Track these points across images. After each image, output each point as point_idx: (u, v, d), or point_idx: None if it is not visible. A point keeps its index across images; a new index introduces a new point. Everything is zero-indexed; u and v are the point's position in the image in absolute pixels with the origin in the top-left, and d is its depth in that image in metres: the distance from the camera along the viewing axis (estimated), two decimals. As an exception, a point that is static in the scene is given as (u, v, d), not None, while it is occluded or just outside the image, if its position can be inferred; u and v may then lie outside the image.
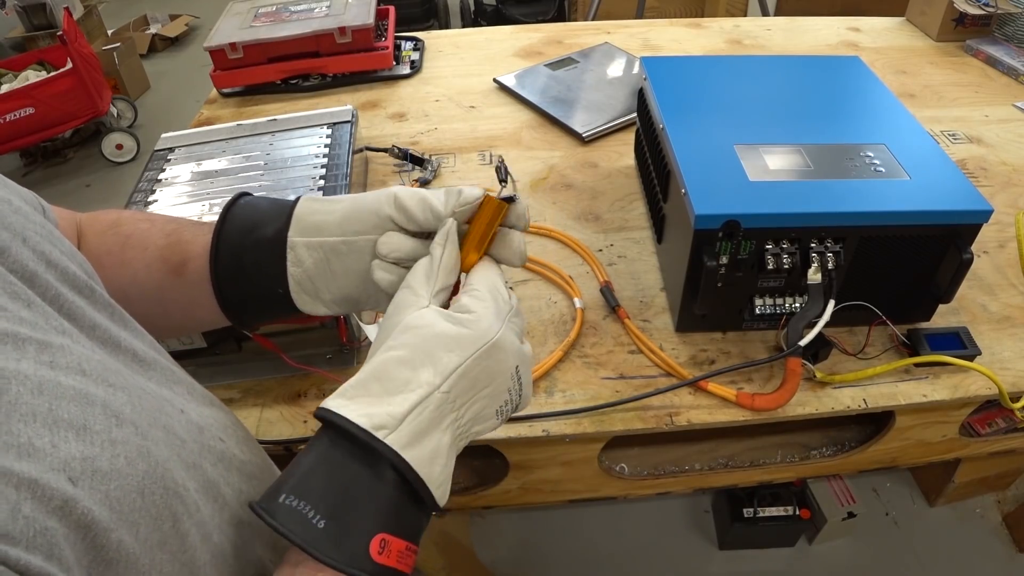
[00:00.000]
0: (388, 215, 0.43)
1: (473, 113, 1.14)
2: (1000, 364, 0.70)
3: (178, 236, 0.47)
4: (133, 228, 0.47)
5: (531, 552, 1.44)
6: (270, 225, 0.45)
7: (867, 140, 0.72)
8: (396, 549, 0.34)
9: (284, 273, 0.44)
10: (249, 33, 1.19)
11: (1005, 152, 1.01)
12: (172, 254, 0.46)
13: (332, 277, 0.45)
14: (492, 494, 0.76)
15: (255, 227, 0.45)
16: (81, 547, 0.26)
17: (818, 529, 1.36)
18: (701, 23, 1.41)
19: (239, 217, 0.46)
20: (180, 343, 0.67)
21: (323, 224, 0.44)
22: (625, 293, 0.79)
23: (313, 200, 0.45)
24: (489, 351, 0.38)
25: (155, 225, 0.48)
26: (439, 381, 0.37)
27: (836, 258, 0.64)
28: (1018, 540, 1.40)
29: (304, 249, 0.44)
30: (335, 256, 0.44)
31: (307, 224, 0.44)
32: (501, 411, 0.40)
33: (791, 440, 0.81)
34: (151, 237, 0.47)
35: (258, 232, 0.45)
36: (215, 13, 1.33)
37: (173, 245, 0.46)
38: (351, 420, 0.35)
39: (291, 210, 0.45)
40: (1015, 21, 1.24)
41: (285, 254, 0.44)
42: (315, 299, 0.46)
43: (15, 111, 2.46)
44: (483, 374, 0.38)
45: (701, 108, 0.79)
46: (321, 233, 0.44)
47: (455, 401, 0.37)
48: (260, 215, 0.45)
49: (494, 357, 0.38)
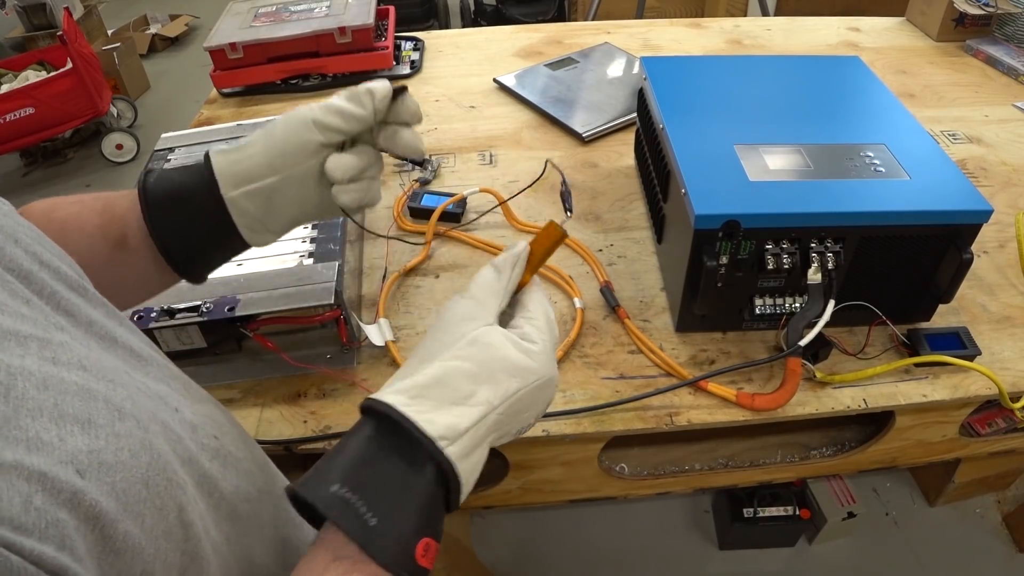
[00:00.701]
0: (316, 141, 0.46)
1: (473, 113, 1.14)
2: (1000, 364, 0.70)
3: (111, 212, 0.48)
4: (65, 212, 0.48)
5: (531, 552, 1.44)
6: (198, 190, 0.46)
7: (867, 140, 0.72)
8: (433, 552, 0.35)
9: (232, 226, 0.47)
10: (249, 33, 1.19)
11: (1005, 152, 1.01)
12: (111, 230, 0.47)
13: (276, 212, 0.48)
14: (492, 494, 0.76)
15: (184, 198, 0.47)
16: (91, 538, 0.26)
17: (818, 529, 1.36)
18: (701, 23, 1.41)
19: (160, 191, 0.47)
20: (180, 343, 0.67)
21: (251, 170, 0.46)
22: (625, 293, 0.79)
23: (223, 152, 0.47)
24: (543, 385, 0.40)
25: (85, 205, 0.48)
26: (498, 403, 0.38)
27: (836, 258, 0.64)
28: (1018, 540, 1.40)
29: (244, 199, 0.46)
30: (275, 193, 0.47)
31: (235, 175, 0.46)
32: (521, 429, 0.42)
33: (791, 440, 0.81)
34: (85, 217, 0.47)
35: (192, 201, 0.47)
36: (215, 13, 1.33)
37: (108, 222, 0.47)
38: (415, 423, 0.35)
39: (208, 170, 0.46)
40: (1015, 21, 1.24)
41: (227, 211, 0.46)
42: (265, 234, 0.49)
43: (15, 111, 2.46)
44: (531, 402, 0.40)
45: (701, 108, 0.79)
46: (254, 179, 0.46)
47: (502, 422, 0.39)
48: (181, 185, 0.47)
49: (546, 390, 0.41)
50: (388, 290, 0.79)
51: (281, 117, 0.48)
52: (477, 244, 0.86)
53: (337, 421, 0.67)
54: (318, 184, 0.48)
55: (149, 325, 0.64)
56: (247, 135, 0.48)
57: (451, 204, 0.88)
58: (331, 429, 0.66)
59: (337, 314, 0.68)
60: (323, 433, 0.65)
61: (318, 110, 0.47)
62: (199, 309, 0.64)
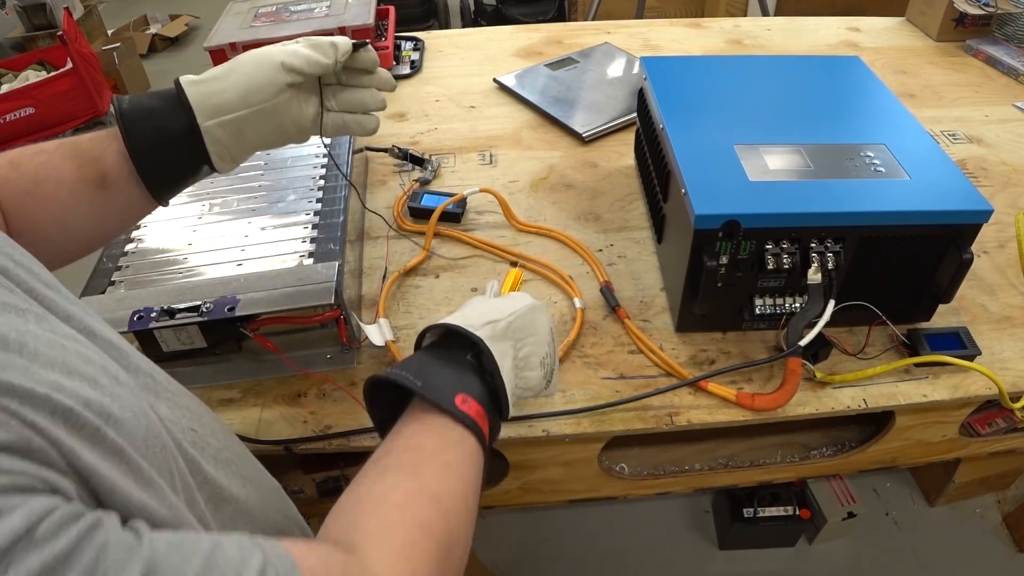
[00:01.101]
0: (284, 81, 0.53)
1: (473, 113, 1.14)
2: (1000, 364, 0.70)
3: (84, 155, 0.50)
4: (33, 163, 0.50)
5: (531, 552, 1.44)
6: (173, 120, 0.51)
7: (867, 140, 0.72)
8: (474, 408, 0.44)
9: (204, 154, 0.52)
10: (249, 33, 1.19)
11: (1005, 152, 1.01)
12: (89, 173, 0.50)
13: (243, 141, 0.54)
14: (492, 494, 0.76)
15: (160, 128, 0.51)
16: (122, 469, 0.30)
17: (818, 529, 1.36)
18: (701, 23, 1.41)
19: (138, 121, 0.50)
20: (180, 343, 0.67)
21: (226, 103, 0.52)
22: (625, 293, 0.79)
23: (198, 83, 0.52)
24: (531, 309, 0.51)
25: (52, 154, 0.50)
26: (502, 317, 0.49)
27: (836, 258, 0.64)
28: (1018, 540, 1.40)
29: (217, 129, 0.52)
30: (245, 125, 0.52)
31: (210, 107, 0.51)
32: (544, 363, 0.51)
33: (791, 440, 0.81)
34: (58, 164, 0.50)
35: (167, 130, 0.51)
36: (215, 13, 1.33)
37: (84, 166, 0.50)
38: (444, 321, 0.48)
39: (183, 100, 0.51)
40: (1015, 21, 1.24)
41: (202, 139, 0.51)
42: (233, 162, 0.55)
43: (15, 111, 2.46)
44: (529, 323, 0.51)
45: (701, 108, 0.79)
46: (227, 111, 0.52)
47: (514, 333, 0.49)
48: (157, 115, 0.51)
49: (535, 313, 0.52)
50: (388, 290, 0.79)
51: (247, 55, 0.53)
52: (477, 244, 0.86)
53: (337, 421, 0.67)
54: (285, 118, 0.54)
55: (149, 325, 0.64)
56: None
57: (451, 204, 0.87)
58: (331, 429, 0.65)
59: (337, 314, 0.68)
60: (323, 433, 0.65)
61: (285, 54, 0.53)
62: (199, 309, 0.64)
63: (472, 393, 0.45)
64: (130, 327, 0.64)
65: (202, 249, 0.75)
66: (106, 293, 0.69)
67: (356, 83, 0.58)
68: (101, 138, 0.51)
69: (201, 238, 0.77)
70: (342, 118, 0.58)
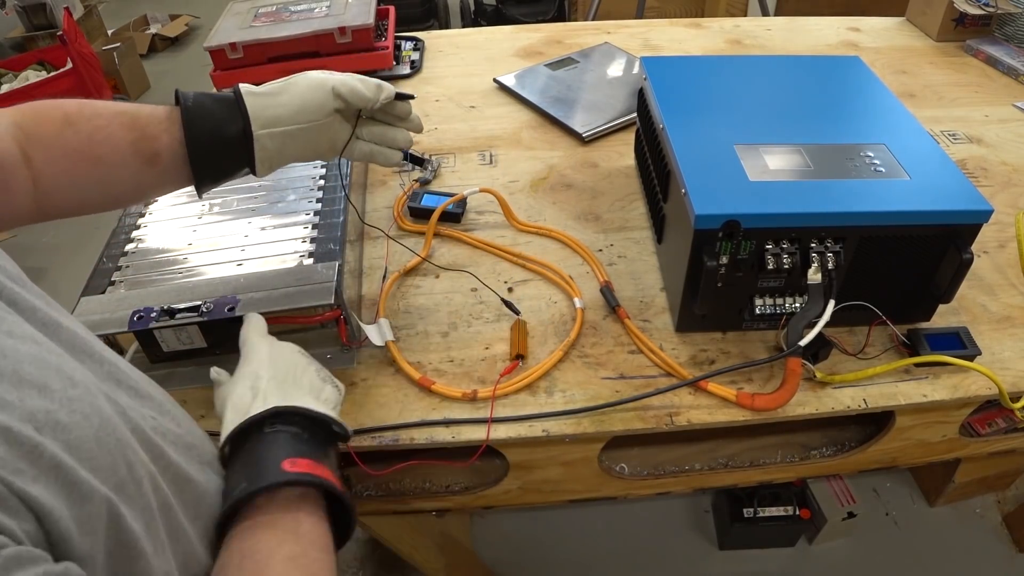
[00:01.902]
0: (332, 106, 0.60)
1: (473, 113, 1.14)
2: (1000, 364, 0.70)
3: (141, 129, 0.54)
4: (89, 125, 0.53)
5: (531, 552, 1.44)
6: (231, 124, 0.56)
7: (867, 140, 0.72)
8: (305, 465, 0.46)
9: (251, 158, 0.58)
10: (249, 33, 1.19)
11: (1005, 152, 1.01)
12: (143, 148, 0.54)
13: (286, 151, 0.59)
14: (492, 494, 0.76)
15: (218, 128, 0.56)
16: (55, 487, 0.30)
17: (818, 529, 1.36)
18: (701, 23, 1.41)
19: (199, 118, 0.55)
20: (180, 343, 0.67)
21: (279, 116, 0.58)
22: (625, 293, 0.79)
23: (256, 94, 0.57)
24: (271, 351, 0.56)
25: (110, 120, 0.54)
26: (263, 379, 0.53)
27: (836, 258, 0.64)
28: (1018, 540, 1.40)
29: (267, 138, 0.57)
30: (290, 139, 0.59)
31: (265, 118, 0.57)
32: (323, 378, 0.56)
33: (791, 440, 0.81)
34: (114, 132, 0.54)
35: (224, 132, 0.56)
36: (215, 13, 1.33)
37: (139, 140, 0.54)
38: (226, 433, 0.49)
39: (242, 107, 0.56)
40: (1015, 21, 1.24)
41: (253, 145, 0.57)
42: (271, 169, 0.60)
43: (15, 111, 2.46)
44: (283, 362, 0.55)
45: (701, 108, 0.79)
46: (279, 124, 0.58)
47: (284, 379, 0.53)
48: (216, 117, 0.56)
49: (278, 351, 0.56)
50: (388, 290, 0.79)
51: (302, 77, 0.60)
52: (477, 244, 0.86)
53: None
54: (323, 137, 0.61)
55: (149, 325, 0.64)
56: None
57: (451, 204, 0.87)
58: (331, 429, 0.65)
59: (337, 314, 0.68)
60: (323, 433, 0.65)
61: (337, 81, 0.60)
62: (199, 309, 0.64)
63: (293, 452, 0.47)
64: (130, 327, 0.64)
65: (202, 249, 0.75)
66: (106, 293, 0.69)
67: (389, 121, 0.66)
68: (161, 118, 0.55)
69: (201, 238, 0.77)
70: (370, 148, 0.65)
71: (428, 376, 0.69)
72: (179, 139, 0.55)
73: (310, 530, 0.44)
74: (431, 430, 0.66)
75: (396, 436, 0.65)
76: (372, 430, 0.65)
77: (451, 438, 0.65)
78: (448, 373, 0.71)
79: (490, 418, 0.66)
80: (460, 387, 0.68)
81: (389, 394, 0.69)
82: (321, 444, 0.50)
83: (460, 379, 0.70)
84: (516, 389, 0.68)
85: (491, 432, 0.65)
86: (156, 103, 0.57)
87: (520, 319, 0.75)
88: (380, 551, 1.43)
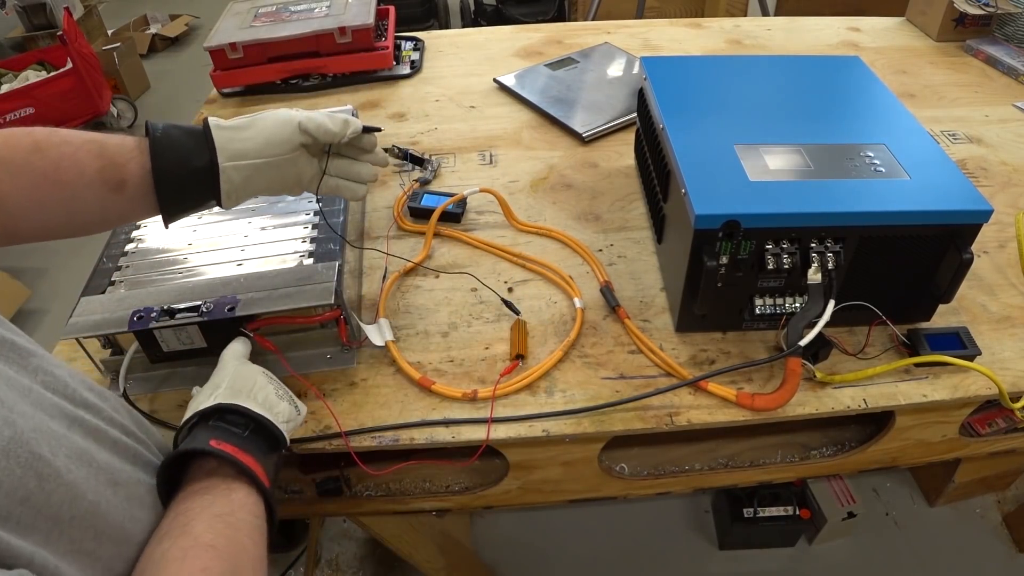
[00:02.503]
0: (299, 141, 0.60)
1: (473, 113, 1.14)
2: (1000, 364, 0.70)
3: (109, 157, 0.56)
4: (57, 152, 0.54)
5: (531, 552, 1.44)
6: (198, 156, 0.57)
7: (867, 140, 0.72)
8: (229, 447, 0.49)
9: (216, 190, 0.58)
10: (249, 33, 1.19)
11: (1005, 152, 1.01)
12: (110, 176, 0.55)
13: (252, 185, 0.60)
14: (492, 494, 0.76)
15: (185, 158, 0.57)
16: None
17: (818, 529, 1.36)
18: (701, 23, 1.41)
19: (167, 148, 0.57)
20: (180, 343, 0.67)
21: (245, 150, 0.58)
22: (625, 293, 0.79)
23: (223, 128, 0.58)
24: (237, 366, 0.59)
25: (78, 147, 0.55)
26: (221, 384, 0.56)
27: (836, 258, 0.64)
28: (1018, 540, 1.40)
29: (233, 170, 0.58)
30: (256, 172, 0.59)
31: (232, 151, 0.58)
32: (281, 396, 0.57)
33: (791, 440, 0.81)
34: (82, 159, 0.55)
35: (190, 162, 0.57)
36: (215, 13, 1.33)
37: (106, 168, 0.55)
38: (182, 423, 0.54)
39: (210, 140, 0.57)
40: (1015, 21, 1.24)
41: (219, 177, 0.58)
42: (236, 201, 0.60)
43: (15, 111, 2.46)
44: (244, 376, 0.57)
45: (701, 108, 0.79)
46: (245, 157, 0.58)
47: (241, 388, 0.55)
48: (184, 148, 0.57)
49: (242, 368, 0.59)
50: (388, 290, 0.79)
51: (271, 114, 0.61)
52: (477, 244, 0.86)
53: (336, 421, 0.67)
54: (289, 172, 0.61)
55: (149, 325, 0.64)
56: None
57: (451, 204, 0.88)
58: (331, 429, 0.66)
59: (337, 314, 0.68)
60: (323, 433, 0.65)
61: (303, 117, 0.60)
62: (199, 309, 0.64)
63: (222, 438, 0.50)
64: (130, 327, 0.64)
65: (202, 249, 0.75)
66: (106, 293, 0.69)
67: (354, 156, 0.66)
68: (129, 148, 0.56)
69: (201, 238, 0.77)
70: (336, 182, 0.65)
71: (428, 376, 0.69)
72: (146, 168, 0.56)
73: (242, 499, 0.48)
74: (431, 430, 0.66)
75: (396, 436, 0.65)
76: (372, 430, 0.65)
77: (451, 438, 0.65)
78: (448, 373, 0.71)
79: (490, 418, 0.66)
80: (460, 387, 0.68)
81: (389, 394, 0.69)
82: (261, 447, 0.53)
83: (460, 379, 0.70)
84: (516, 389, 0.68)
85: (491, 432, 0.65)
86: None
87: (520, 319, 0.75)
88: (380, 551, 1.43)
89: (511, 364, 0.70)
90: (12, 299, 1.99)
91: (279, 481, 0.54)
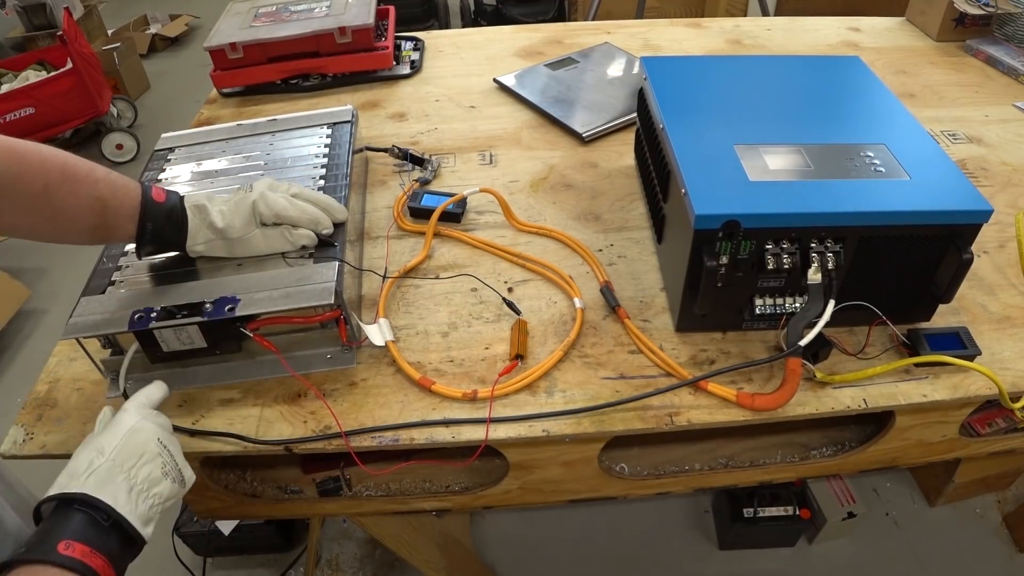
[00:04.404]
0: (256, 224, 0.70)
1: (473, 113, 1.14)
2: (1000, 364, 0.70)
3: (106, 220, 0.63)
4: (63, 203, 0.61)
5: (531, 552, 1.44)
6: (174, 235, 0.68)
7: (867, 140, 0.72)
8: (79, 549, 0.48)
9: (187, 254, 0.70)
10: (249, 33, 1.19)
11: (1005, 152, 1.01)
12: (101, 233, 0.64)
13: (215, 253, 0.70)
14: (492, 494, 0.76)
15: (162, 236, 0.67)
16: None
17: (818, 529, 1.36)
18: (701, 23, 1.41)
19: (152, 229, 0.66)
20: (180, 343, 0.67)
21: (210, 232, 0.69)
22: (625, 293, 0.79)
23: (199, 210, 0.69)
24: (131, 433, 0.56)
25: (82, 203, 0.61)
26: (104, 459, 0.54)
27: (836, 258, 0.64)
28: (1018, 540, 1.40)
29: (199, 247, 0.70)
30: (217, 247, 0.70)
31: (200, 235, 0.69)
32: (167, 472, 0.56)
33: (791, 440, 0.81)
34: (83, 215, 0.62)
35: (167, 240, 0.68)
36: (215, 13, 1.33)
37: (101, 227, 0.63)
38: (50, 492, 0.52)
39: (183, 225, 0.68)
40: (1015, 21, 1.24)
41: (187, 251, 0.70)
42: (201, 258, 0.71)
43: (15, 111, 2.46)
44: (134, 447, 0.55)
45: (701, 108, 0.79)
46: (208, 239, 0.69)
47: (123, 464, 0.54)
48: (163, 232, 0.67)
49: (135, 435, 0.56)
50: (388, 290, 0.79)
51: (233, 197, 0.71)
52: (477, 244, 0.86)
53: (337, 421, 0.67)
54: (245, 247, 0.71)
55: (149, 325, 0.64)
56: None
57: (451, 204, 0.88)
58: (331, 429, 0.66)
59: (337, 314, 0.68)
60: (323, 433, 0.65)
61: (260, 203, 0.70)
62: (199, 309, 0.64)
63: (76, 537, 0.49)
64: (130, 327, 0.64)
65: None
66: (106, 293, 0.69)
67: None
68: (126, 215, 0.64)
69: (201, 238, 0.76)
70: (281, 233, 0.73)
71: (428, 376, 0.69)
72: (132, 235, 0.66)
73: None
74: (431, 430, 0.66)
75: (396, 436, 0.65)
76: (372, 430, 0.65)
77: (451, 438, 0.65)
78: (448, 373, 0.71)
79: (489, 418, 0.66)
80: (460, 387, 0.68)
81: (389, 394, 0.69)
82: (117, 538, 0.52)
83: (460, 379, 0.70)
84: (516, 389, 0.68)
85: (491, 432, 0.65)
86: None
87: (520, 319, 0.75)
88: (380, 551, 1.43)
89: (511, 364, 0.70)
90: (12, 299, 1.99)
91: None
